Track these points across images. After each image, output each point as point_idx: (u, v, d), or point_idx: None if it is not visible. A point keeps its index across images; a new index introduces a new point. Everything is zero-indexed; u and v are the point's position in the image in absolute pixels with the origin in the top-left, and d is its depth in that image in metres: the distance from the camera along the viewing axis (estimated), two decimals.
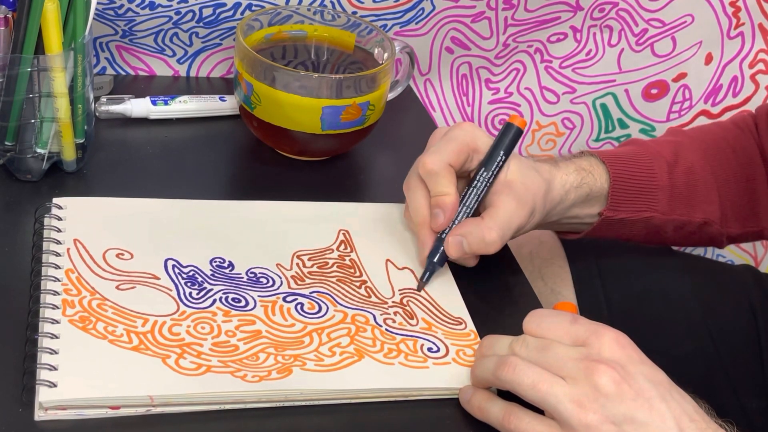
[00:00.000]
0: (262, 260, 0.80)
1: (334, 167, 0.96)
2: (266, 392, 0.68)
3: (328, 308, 0.76)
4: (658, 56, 1.18)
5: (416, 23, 1.07)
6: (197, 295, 0.75)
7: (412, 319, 0.77)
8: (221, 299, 0.75)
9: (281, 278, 0.78)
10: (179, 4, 0.97)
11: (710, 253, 1.28)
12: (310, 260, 0.81)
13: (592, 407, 0.63)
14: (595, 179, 0.88)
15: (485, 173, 0.80)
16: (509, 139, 0.81)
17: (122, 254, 0.77)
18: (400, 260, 0.83)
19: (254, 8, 0.98)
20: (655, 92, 1.21)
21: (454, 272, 0.82)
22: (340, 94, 0.89)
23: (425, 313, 0.78)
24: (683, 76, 1.20)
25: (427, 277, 0.81)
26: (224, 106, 0.99)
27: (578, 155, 0.90)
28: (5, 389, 0.65)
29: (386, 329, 0.75)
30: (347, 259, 0.82)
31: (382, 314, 0.77)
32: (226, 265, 0.78)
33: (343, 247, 0.83)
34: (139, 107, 0.96)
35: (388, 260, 0.83)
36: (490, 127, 1.19)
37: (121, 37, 1.00)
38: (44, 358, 0.66)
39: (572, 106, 1.21)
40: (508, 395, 0.68)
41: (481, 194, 0.81)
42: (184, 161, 0.93)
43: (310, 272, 0.80)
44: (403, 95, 1.04)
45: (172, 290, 0.75)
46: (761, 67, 1.20)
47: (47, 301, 0.71)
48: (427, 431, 0.70)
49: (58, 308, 0.70)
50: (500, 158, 0.80)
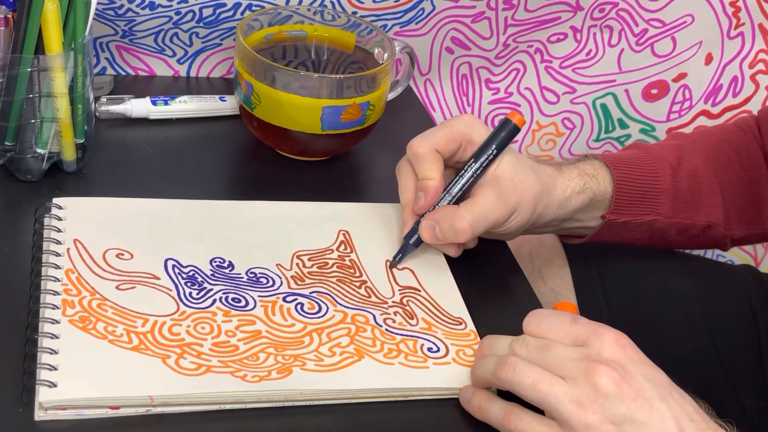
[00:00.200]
0: (262, 260, 0.80)
1: (334, 167, 0.96)
2: (266, 392, 0.68)
3: (328, 308, 0.76)
4: (658, 56, 1.18)
5: (416, 23, 1.07)
6: (197, 295, 0.75)
7: (412, 319, 0.77)
8: (221, 299, 0.75)
9: (281, 278, 0.78)
10: (179, 4, 0.97)
11: (710, 253, 1.28)
12: (310, 260, 0.81)
13: (592, 407, 0.63)
14: (598, 183, 0.87)
15: (474, 164, 0.80)
16: (504, 134, 0.81)
17: (122, 254, 0.77)
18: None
19: (254, 8, 0.98)
20: (655, 92, 1.21)
21: (454, 272, 0.82)
22: (340, 94, 0.89)
23: (425, 313, 0.78)
24: (683, 76, 1.20)
25: (400, 257, 0.82)
26: (224, 106, 0.99)
27: (582, 159, 0.90)
28: (5, 389, 0.65)
29: (386, 329, 0.75)
30: (347, 259, 0.82)
31: (382, 314, 0.77)
32: (226, 265, 0.78)
33: (343, 247, 0.83)
34: (139, 107, 0.96)
35: (387, 260, 0.83)
36: (490, 127, 1.19)
37: (121, 37, 1.00)
38: (44, 358, 0.66)
39: (572, 106, 1.20)
40: (508, 395, 0.68)
41: (466, 184, 0.81)
42: (184, 161, 0.93)
43: (310, 272, 0.80)
44: (403, 95, 1.04)
45: (172, 290, 0.75)
46: (761, 67, 1.20)
47: (47, 301, 0.71)
48: (427, 431, 0.70)
49: (58, 308, 0.70)
50: (491, 151, 0.80)
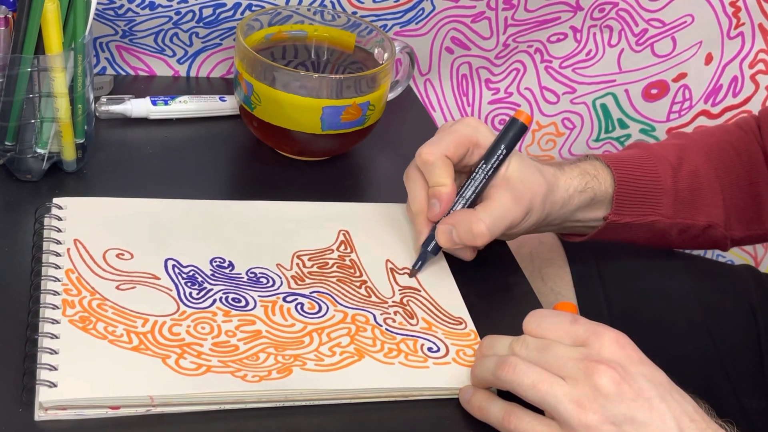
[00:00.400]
0: (262, 260, 0.80)
1: (334, 167, 0.96)
2: (266, 392, 0.68)
3: (328, 308, 0.76)
4: (658, 56, 1.18)
5: (416, 23, 1.07)
6: (197, 295, 0.75)
7: (412, 318, 0.77)
8: (221, 299, 0.75)
9: (281, 278, 0.78)
10: (179, 4, 0.97)
11: (710, 253, 1.28)
12: (310, 260, 0.81)
13: (591, 407, 0.63)
14: (599, 183, 0.87)
15: (484, 166, 0.80)
16: (512, 133, 0.81)
17: (122, 254, 0.77)
18: (400, 260, 0.83)
19: (254, 8, 0.98)
20: (655, 92, 1.21)
21: (454, 272, 0.82)
22: (340, 94, 0.89)
23: (425, 312, 0.78)
24: (683, 76, 1.20)
25: (419, 265, 0.81)
26: (224, 106, 0.99)
27: (583, 159, 0.90)
28: (5, 389, 0.65)
29: (386, 329, 0.75)
30: (347, 259, 0.82)
31: (382, 314, 0.77)
32: (226, 265, 0.78)
33: (343, 247, 0.83)
34: (139, 107, 0.96)
35: (388, 260, 0.83)
36: (492, 128, 1.19)
37: (121, 37, 1.00)
38: (44, 358, 0.66)
39: (572, 106, 1.20)
40: (508, 395, 0.68)
41: (479, 186, 0.81)
42: (184, 161, 0.93)
43: (310, 272, 0.80)
44: (403, 95, 1.04)
45: (172, 290, 0.75)
46: (761, 67, 1.20)
47: (47, 301, 0.71)
48: (427, 431, 0.70)
49: (58, 308, 0.70)
50: (501, 152, 0.80)
